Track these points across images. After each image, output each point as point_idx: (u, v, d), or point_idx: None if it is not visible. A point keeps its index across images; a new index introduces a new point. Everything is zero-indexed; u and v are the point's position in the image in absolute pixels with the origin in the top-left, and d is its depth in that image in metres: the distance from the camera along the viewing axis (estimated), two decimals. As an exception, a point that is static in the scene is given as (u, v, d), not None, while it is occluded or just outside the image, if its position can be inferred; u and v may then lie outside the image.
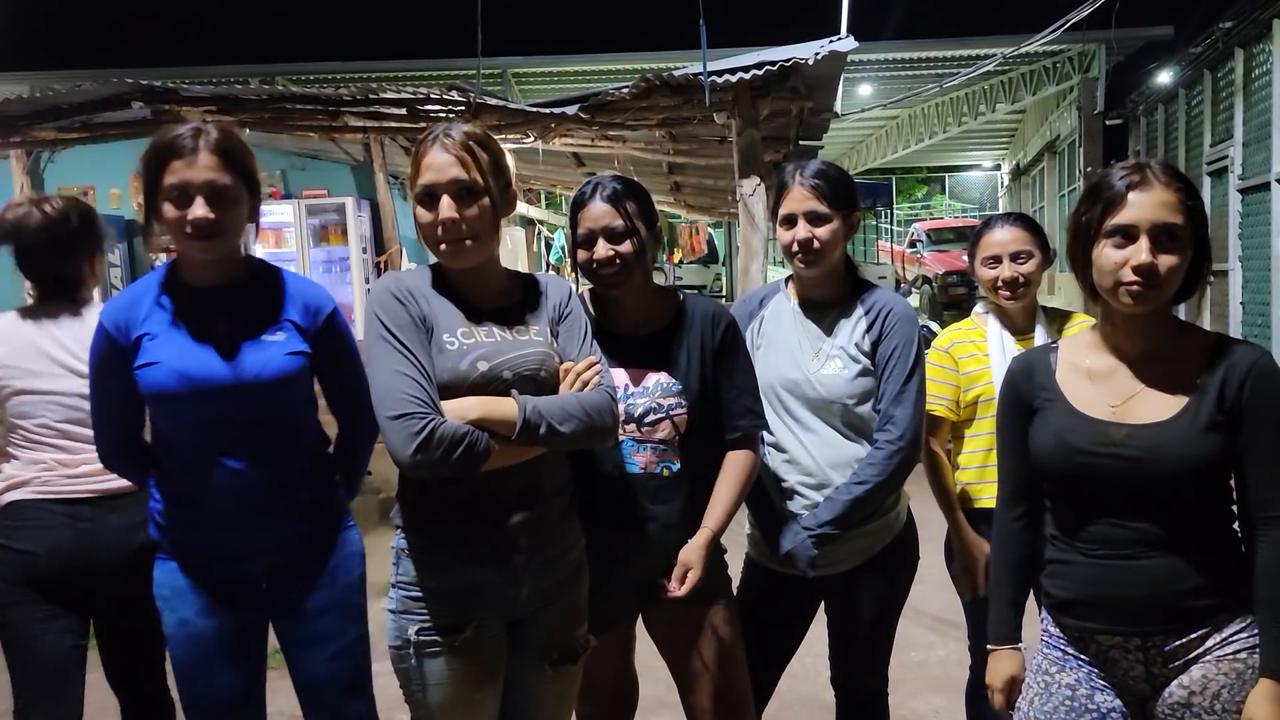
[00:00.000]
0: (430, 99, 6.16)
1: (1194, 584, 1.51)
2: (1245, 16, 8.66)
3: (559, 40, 30.15)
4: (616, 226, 1.92)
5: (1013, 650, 1.72)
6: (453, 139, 1.72)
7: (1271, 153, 8.07)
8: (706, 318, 2.00)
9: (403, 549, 1.78)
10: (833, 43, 5.49)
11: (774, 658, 2.25)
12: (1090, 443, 1.56)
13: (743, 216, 6.16)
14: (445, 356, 1.68)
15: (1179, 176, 1.53)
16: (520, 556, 1.76)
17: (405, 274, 1.76)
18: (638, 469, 1.94)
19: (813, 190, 2.08)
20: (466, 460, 1.62)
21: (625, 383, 1.95)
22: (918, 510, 2.27)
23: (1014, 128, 21.13)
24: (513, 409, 1.66)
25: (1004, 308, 2.38)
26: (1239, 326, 8.95)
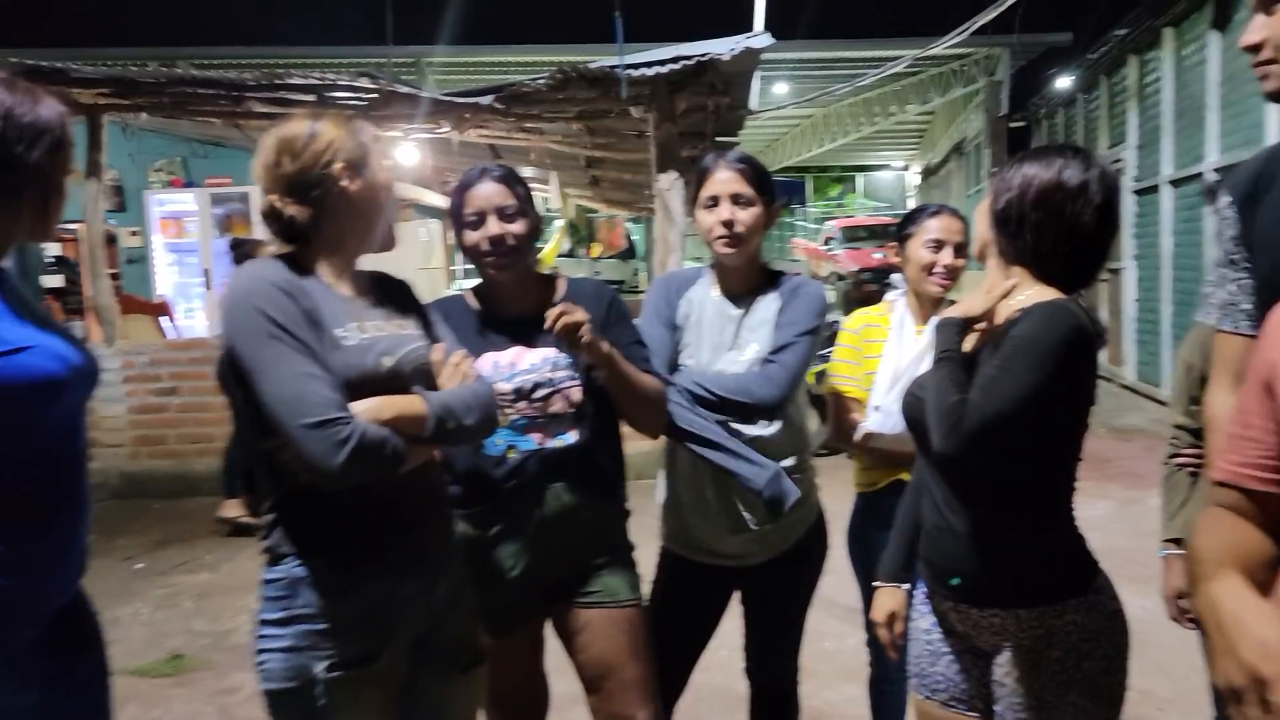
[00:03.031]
0: (339, 86, 6.00)
1: (993, 567, 1.57)
2: (1138, 25, 9.05)
3: (477, 30, 29.77)
4: (509, 205, 1.90)
5: (895, 588, 1.81)
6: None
7: (1162, 156, 8.46)
8: (592, 294, 2.02)
9: (300, 578, 1.55)
10: (748, 40, 5.54)
11: (689, 650, 2.24)
12: (918, 385, 1.66)
13: (659, 211, 6.17)
14: (346, 352, 1.56)
15: None
16: (435, 559, 1.71)
17: (272, 265, 1.59)
18: (533, 445, 1.91)
19: (738, 172, 2.09)
20: (391, 465, 1.54)
21: (511, 361, 1.93)
22: (827, 502, 2.30)
23: (924, 129, 21.71)
24: (422, 406, 1.60)
25: (926, 293, 2.41)
26: (1133, 322, 9.36)
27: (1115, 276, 9.76)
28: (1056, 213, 1.55)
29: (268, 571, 1.59)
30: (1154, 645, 3.03)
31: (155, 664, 3.75)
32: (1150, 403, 8.52)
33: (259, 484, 1.64)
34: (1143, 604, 2.56)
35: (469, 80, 14.89)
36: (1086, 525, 1.67)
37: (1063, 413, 1.54)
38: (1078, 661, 1.54)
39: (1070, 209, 1.55)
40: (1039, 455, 1.56)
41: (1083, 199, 1.55)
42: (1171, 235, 8.26)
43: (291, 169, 1.58)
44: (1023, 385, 1.45)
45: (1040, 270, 1.60)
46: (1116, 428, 7.61)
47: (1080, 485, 1.65)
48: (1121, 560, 3.58)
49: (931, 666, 1.72)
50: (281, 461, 1.54)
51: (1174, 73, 8.27)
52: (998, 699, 1.61)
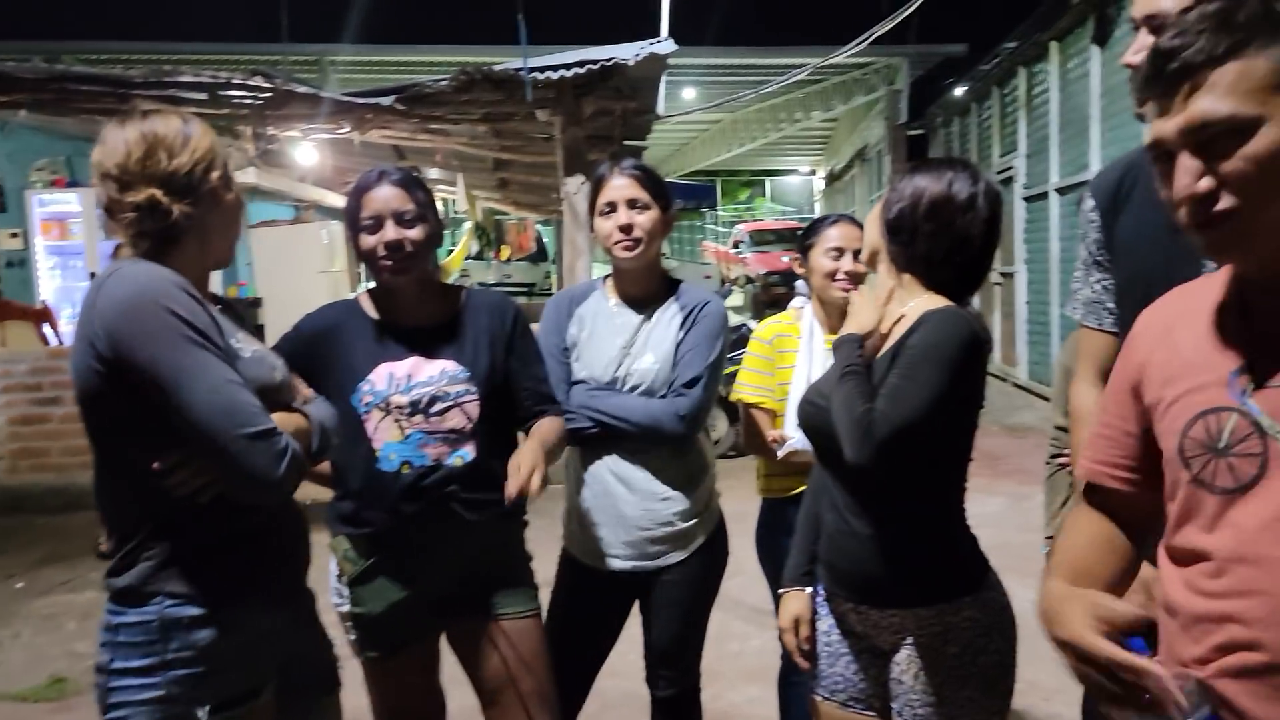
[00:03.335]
0: (232, 84, 5.79)
1: (891, 569, 1.60)
2: (1026, 38, 9.43)
3: (381, 29, 29.24)
4: (407, 210, 1.86)
5: (799, 592, 1.82)
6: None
7: (1050, 165, 8.82)
8: (493, 308, 2.00)
9: (174, 620, 1.43)
10: (653, 45, 5.57)
11: (591, 656, 2.23)
12: (815, 392, 1.70)
13: (567, 214, 6.16)
14: (246, 363, 1.50)
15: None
16: (303, 586, 1.67)
17: (158, 267, 1.47)
18: (429, 461, 1.87)
19: (633, 179, 2.10)
20: (300, 475, 1.49)
21: (408, 373, 1.88)
22: (734, 504, 2.32)
23: (828, 135, 22.17)
24: (305, 422, 1.57)
25: (826, 302, 2.45)
26: (1025, 323, 9.73)
27: (1008, 280, 10.13)
28: (948, 224, 1.61)
29: (125, 614, 1.44)
30: (1042, 637, 3.15)
31: (35, 689, 3.57)
32: (1041, 401, 8.86)
33: (112, 516, 1.50)
34: (1032, 597, 2.65)
35: (373, 80, 14.58)
36: (980, 521, 1.72)
37: (959, 416, 1.59)
38: (973, 656, 1.59)
39: (960, 221, 1.61)
40: (937, 458, 1.61)
41: (972, 212, 1.61)
42: (1059, 240, 8.62)
43: (170, 166, 1.47)
44: (927, 391, 1.49)
45: (930, 278, 1.65)
46: (1009, 425, 7.89)
47: (974, 482, 1.70)
48: (1013, 555, 3.71)
49: (830, 667, 1.74)
50: (154, 487, 1.43)
51: (1059, 85, 8.63)
52: (896, 697, 1.64)
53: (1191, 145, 0.96)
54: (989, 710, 1.61)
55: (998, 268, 10.43)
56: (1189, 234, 1.00)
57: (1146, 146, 1.02)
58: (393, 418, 1.86)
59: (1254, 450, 0.98)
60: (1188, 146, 0.97)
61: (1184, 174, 0.97)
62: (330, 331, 1.96)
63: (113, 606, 1.47)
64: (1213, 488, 1.02)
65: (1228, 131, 0.94)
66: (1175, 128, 0.97)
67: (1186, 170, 0.97)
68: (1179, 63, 0.96)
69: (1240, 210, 0.95)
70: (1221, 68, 0.94)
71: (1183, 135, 0.97)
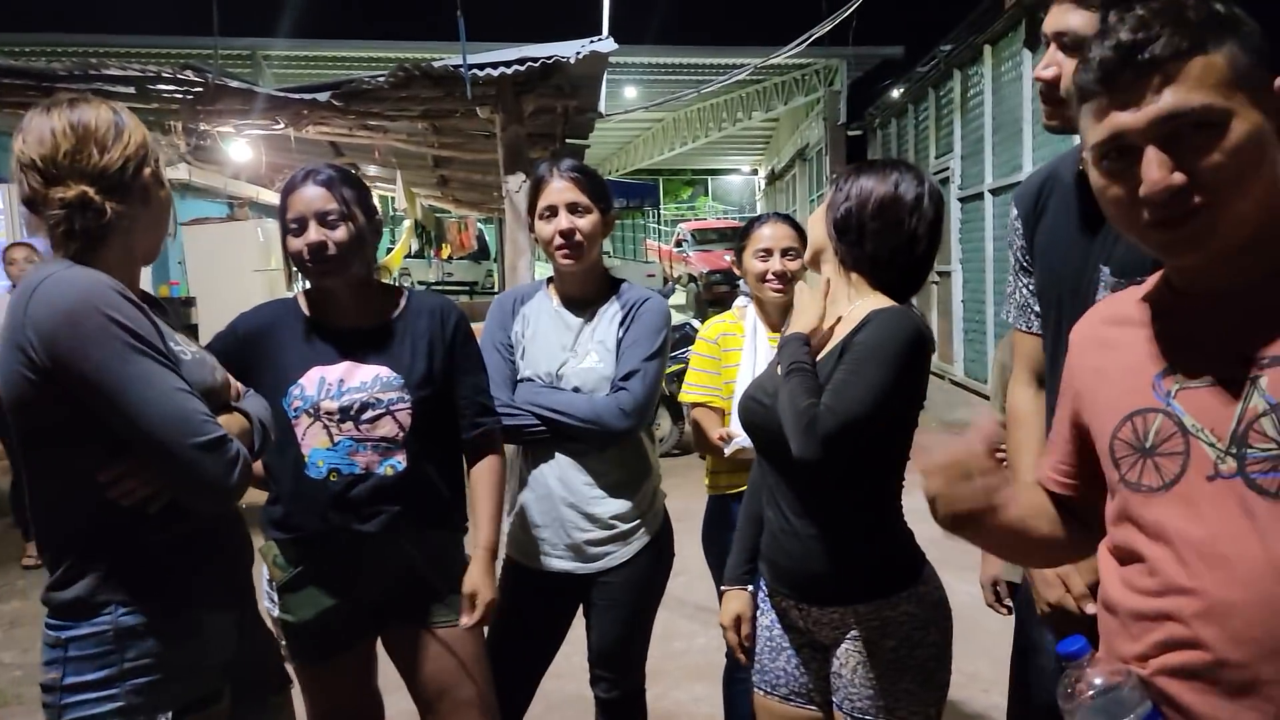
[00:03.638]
0: (162, 78, 5.63)
1: (832, 567, 1.62)
2: (961, 41, 9.61)
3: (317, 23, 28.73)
4: (331, 210, 1.82)
5: (740, 591, 1.83)
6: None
7: (985, 166, 9.00)
8: (434, 312, 1.94)
9: (129, 628, 1.40)
10: (593, 43, 5.55)
11: (535, 659, 2.22)
12: (760, 388, 1.70)
13: (509, 213, 6.10)
14: (188, 367, 1.45)
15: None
16: (248, 586, 1.63)
17: (91, 271, 1.41)
18: (358, 470, 1.83)
19: (573, 181, 2.08)
20: (249, 484, 1.48)
21: (340, 378, 1.84)
22: (679, 502, 2.32)
23: (769, 135, 22.38)
24: (246, 423, 1.53)
25: (765, 301, 2.48)
26: (960, 322, 9.93)
27: (944, 279, 10.33)
28: (896, 224, 1.64)
29: (76, 627, 1.40)
30: (980, 629, 3.21)
31: (-45, 704, 3.43)
32: (978, 398, 9.05)
33: (47, 528, 1.45)
34: (968, 590, 2.70)
35: (309, 75, 14.32)
36: (917, 516, 1.74)
37: (901, 414, 1.61)
38: (910, 649, 1.61)
39: (908, 222, 1.64)
40: (879, 455, 1.63)
41: (918, 212, 1.64)
42: (994, 241, 8.80)
43: (102, 162, 1.41)
44: (873, 388, 1.51)
45: (876, 278, 1.67)
46: (947, 422, 8.04)
47: (912, 478, 1.71)
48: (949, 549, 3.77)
49: (772, 662, 1.76)
50: (97, 496, 1.38)
51: (993, 88, 8.81)
52: (836, 690, 1.66)
53: (1160, 139, 0.95)
54: (926, 702, 1.63)
55: (934, 267, 10.62)
56: (1144, 232, 0.99)
57: (1102, 141, 1.00)
58: (322, 423, 1.82)
59: (1177, 449, 1.01)
60: (1156, 140, 0.96)
61: (1156, 167, 0.95)
62: (264, 331, 1.91)
63: (57, 621, 1.42)
64: (1139, 487, 1.04)
65: (1196, 125, 0.94)
66: (1147, 118, 0.96)
67: (1159, 164, 0.95)
68: (1148, 55, 0.95)
69: (1211, 205, 0.95)
70: (1190, 62, 0.95)
71: (1155, 126, 0.95)
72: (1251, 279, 1.00)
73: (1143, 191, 0.97)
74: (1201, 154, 0.94)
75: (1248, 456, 0.95)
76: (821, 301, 1.68)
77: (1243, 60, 0.96)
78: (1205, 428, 0.99)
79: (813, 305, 1.68)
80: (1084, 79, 1.01)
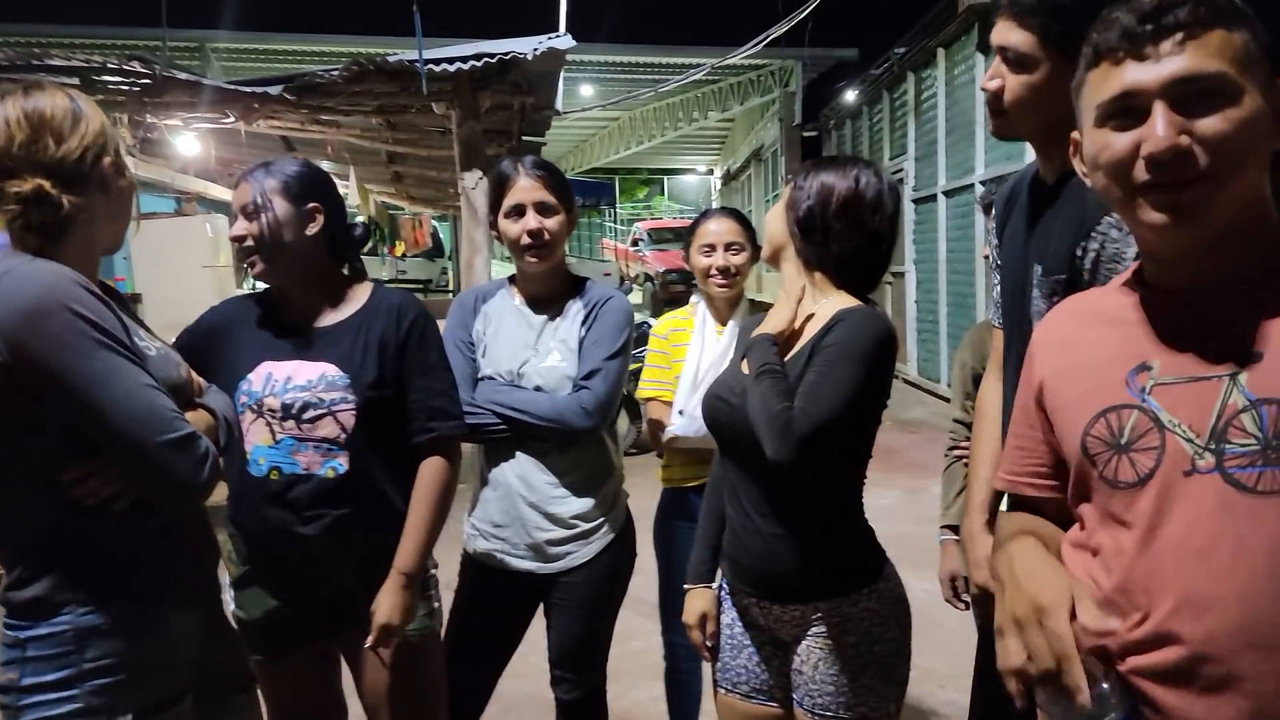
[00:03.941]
0: (107, 69, 5.50)
1: (795, 565, 1.62)
2: (915, 44, 9.74)
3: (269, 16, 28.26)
4: (248, 204, 1.79)
5: (704, 589, 1.82)
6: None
7: (938, 168, 9.12)
8: (391, 310, 1.86)
9: (89, 628, 1.36)
10: (551, 40, 5.52)
11: (493, 659, 2.19)
12: (724, 387, 1.70)
13: (465, 210, 6.06)
14: (153, 363, 1.41)
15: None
16: (212, 583, 1.59)
17: (53, 264, 1.36)
18: (299, 469, 1.78)
19: (540, 180, 2.06)
20: (217, 481, 1.43)
21: (287, 375, 1.79)
22: (638, 501, 2.31)
23: (725, 135, 22.49)
24: (211, 418, 1.50)
25: (713, 296, 2.49)
26: (914, 321, 10.06)
27: (898, 280, 10.45)
28: (860, 222, 1.64)
29: (34, 627, 1.36)
30: (937, 625, 3.24)
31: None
32: (931, 397, 9.18)
33: (10, 527, 1.40)
34: (926, 587, 2.73)
35: (260, 69, 14.09)
36: (875, 514, 1.75)
37: (867, 413, 1.61)
38: (870, 645, 1.61)
39: (871, 219, 1.64)
40: (843, 453, 1.63)
41: (880, 210, 1.65)
42: (946, 241, 8.93)
43: (59, 153, 1.35)
44: (845, 388, 1.51)
45: (841, 277, 1.67)
46: (902, 421, 8.14)
47: (869, 476, 1.72)
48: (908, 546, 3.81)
49: (733, 660, 1.75)
50: (59, 495, 1.34)
51: (946, 90, 8.94)
52: (797, 687, 1.66)
53: (1172, 99, 0.96)
54: (886, 697, 1.64)
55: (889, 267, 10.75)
56: (1140, 194, 0.99)
57: (1112, 98, 1.00)
58: (264, 420, 1.77)
59: (1153, 444, 1.01)
60: (1167, 98, 0.96)
61: (1165, 125, 0.95)
62: (225, 326, 1.89)
63: (15, 621, 1.37)
64: (1117, 483, 1.04)
65: (1208, 94, 0.95)
66: (1163, 76, 0.96)
67: (1168, 122, 0.95)
68: (1173, 19, 0.96)
69: (1211, 177, 0.96)
70: (1211, 32, 0.96)
71: (1170, 85, 0.96)
72: (1226, 276, 1.01)
73: (1147, 149, 0.97)
74: (1210, 123, 0.95)
75: (1226, 452, 0.96)
76: (794, 305, 1.67)
77: (1254, 49, 0.97)
78: (1182, 423, 0.99)
79: (785, 308, 1.67)
80: (1102, 38, 1.01)
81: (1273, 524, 0.93)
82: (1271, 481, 0.94)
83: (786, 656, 1.70)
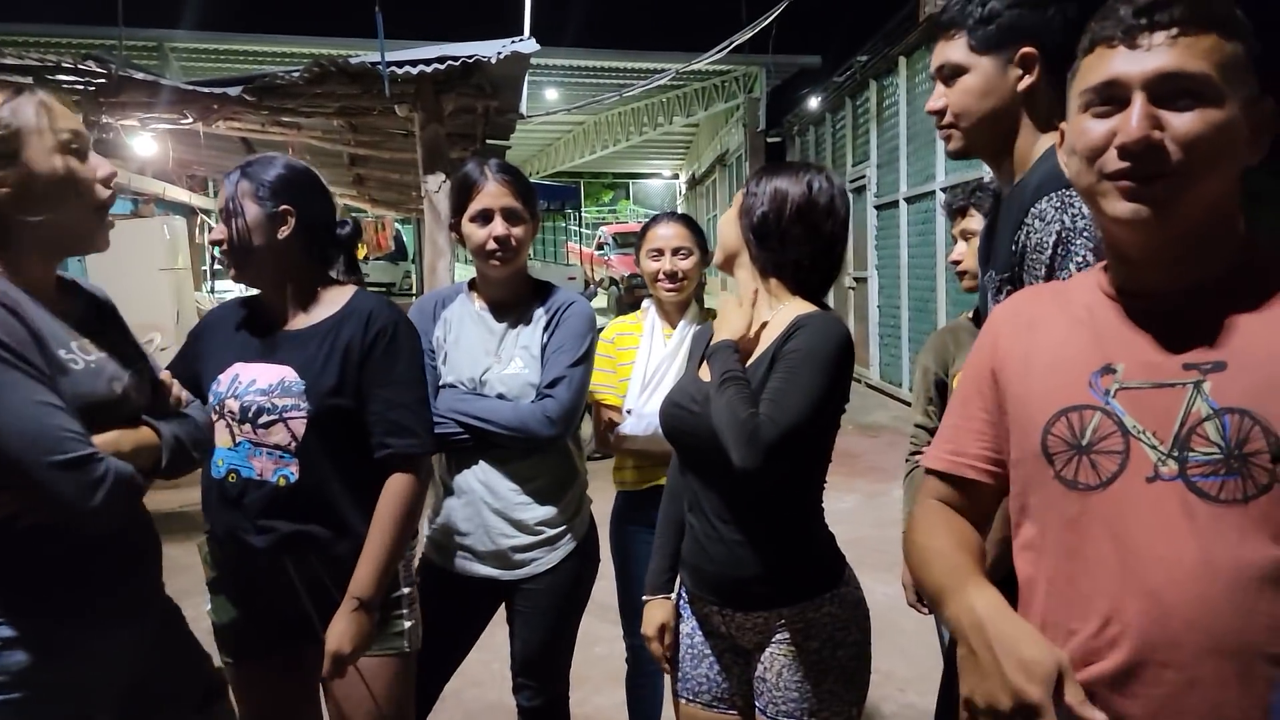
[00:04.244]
0: (62, 68, 5.39)
1: (758, 571, 1.62)
2: (877, 52, 9.84)
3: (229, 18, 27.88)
4: (223, 208, 1.77)
5: (663, 599, 1.82)
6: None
7: (900, 174, 9.22)
8: (361, 316, 1.79)
9: (6, 640, 1.32)
10: (515, 43, 5.51)
11: (446, 664, 2.17)
12: (682, 395, 1.70)
13: (428, 213, 6.01)
14: (75, 378, 1.37)
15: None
16: (148, 603, 1.54)
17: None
18: (254, 475, 1.75)
19: (507, 186, 2.05)
20: (135, 503, 1.40)
21: (252, 378, 1.77)
22: (600, 506, 2.31)
23: (690, 140, 22.55)
24: (154, 437, 1.45)
25: (662, 300, 2.51)
26: (876, 327, 10.15)
27: (861, 285, 10.55)
28: (814, 227, 1.65)
29: None
30: (896, 629, 3.28)
31: None
32: (893, 401, 9.27)
33: None
34: (886, 590, 2.76)
35: (220, 69, 13.89)
36: (836, 518, 1.76)
37: (830, 418, 1.62)
38: (833, 650, 1.62)
39: (825, 224, 1.65)
40: (807, 459, 1.63)
41: (833, 216, 1.66)
42: (908, 247, 9.02)
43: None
44: (810, 394, 1.52)
45: (795, 282, 1.68)
46: (863, 425, 8.21)
47: (830, 480, 1.73)
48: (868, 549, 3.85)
49: (694, 669, 1.75)
50: None
51: (907, 99, 9.04)
52: (760, 695, 1.66)
53: (1153, 93, 0.98)
54: (848, 701, 1.65)
55: (851, 273, 10.84)
56: (1110, 184, 1.00)
57: (1097, 86, 1.01)
58: (225, 422, 1.76)
59: (1116, 448, 1.01)
60: (1149, 92, 0.98)
61: (1141, 117, 0.96)
62: (213, 326, 1.89)
63: None
64: (1076, 484, 1.04)
65: (1189, 93, 0.97)
66: (1148, 69, 0.97)
67: (1144, 115, 0.96)
68: (1168, 15, 0.98)
69: (1182, 173, 0.97)
70: (1203, 35, 0.97)
71: (1153, 79, 0.97)
72: (1193, 284, 1.02)
73: (1120, 139, 0.98)
74: (1185, 120, 0.97)
75: (1189, 460, 0.97)
76: (749, 310, 1.68)
77: (1244, 62, 0.99)
78: (1147, 429, 1.00)
79: (740, 313, 1.68)
80: (1099, 26, 1.03)
81: (1234, 532, 0.95)
82: (1233, 490, 0.95)
83: (748, 664, 1.70)
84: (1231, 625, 0.94)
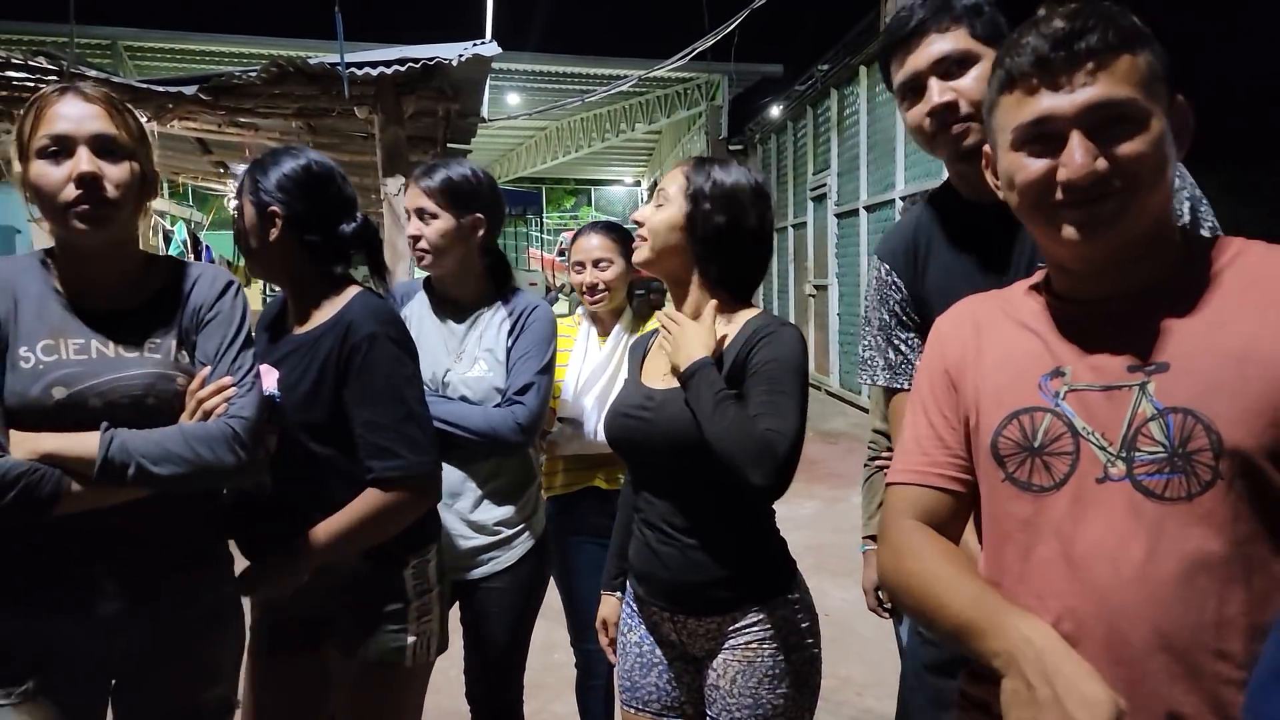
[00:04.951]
0: (12, 64, 5.27)
1: (713, 576, 1.62)
2: (838, 62, 9.94)
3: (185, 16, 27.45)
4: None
5: (610, 596, 1.87)
6: (90, 91, 1.46)
7: (860, 183, 9.31)
8: (343, 325, 1.68)
9: None
10: (476, 46, 5.49)
11: None
12: (627, 404, 1.70)
13: (388, 216, 5.96)
14: (16, 377, 1.40)
15: None
16: (109, 605, 1.50)
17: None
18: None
19: (424, 190, 2.07)
20: (26, 503, 1.36)
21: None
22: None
23: (652, 147, 22.60)
24: (93, 445, 1.41)
25: (591, 310, 2.54)
26: (836, 334, 10.23)
27: (821, 293, 10.62)
28: (763, 219, 1.68)
29: None
30: (854, 634, 3.29)
31: None
32: (852, 408, 9.34)
33: None
34: (845, 595, 2.77)
35: (175, 68, 13.68)
36: (796, 524, 1.77)
37: None
38: (786, 655, 1.62)
39: (768, 215, 1.69)
40: None
41: (761, 203, 1.67)
42: (867, 256, 9.10)
43: None
44: (800, 402, 1.54)
45: (739, 290, 1.70)
46: (823, 431, 8.27)
47: (791, 487, 1.73)
48: (827, 555, 3.87)
49: (643, 679, 1.74)
50: None
51: (868, 108, 9.14)
52: (712, 702, 1.65)
53: (1086, 126, 0.99)
54: (802, 706, 1.65)
55: (811, 280, 10.92)
56: (1057, 214, 1.01)
57: (1029, 123, 1.02)
58: None
59: (1067, 449, 1.03)
60: (1082, 126, 1.00)
61: (1082, 153, 0.99)
62: (258, 324, 1.85)
63: None
64: (1030, 486, 1.06)
65: (1119, 118, 0.99)
66: (1078, 104, 0.99)
67: (1084, 149, 0.99)
68: (1083, 45, 0.99)
69: (1127, 190, 0.99)
70: (1119, 58, 0.99)
71: (1084, 112, 0.99)
72: (1133, 288, 1.05)
73: (1064, 175, 1.00)
74: (1123, 145, 0.99)
75: (1136, 460, 0.99)
76: (712, 327, 1.63)
77: (1156, 69, 1.01)
78: (1096, 431, 1.02)
79: (705, 330, 1.62)
80: (1015, 63, 1.04)
81: (1179, 529, 0.96)
82: (1178, 488, 0.97)
83: (699, 673, 1.69)
84: (1179, 622, 0.96)
